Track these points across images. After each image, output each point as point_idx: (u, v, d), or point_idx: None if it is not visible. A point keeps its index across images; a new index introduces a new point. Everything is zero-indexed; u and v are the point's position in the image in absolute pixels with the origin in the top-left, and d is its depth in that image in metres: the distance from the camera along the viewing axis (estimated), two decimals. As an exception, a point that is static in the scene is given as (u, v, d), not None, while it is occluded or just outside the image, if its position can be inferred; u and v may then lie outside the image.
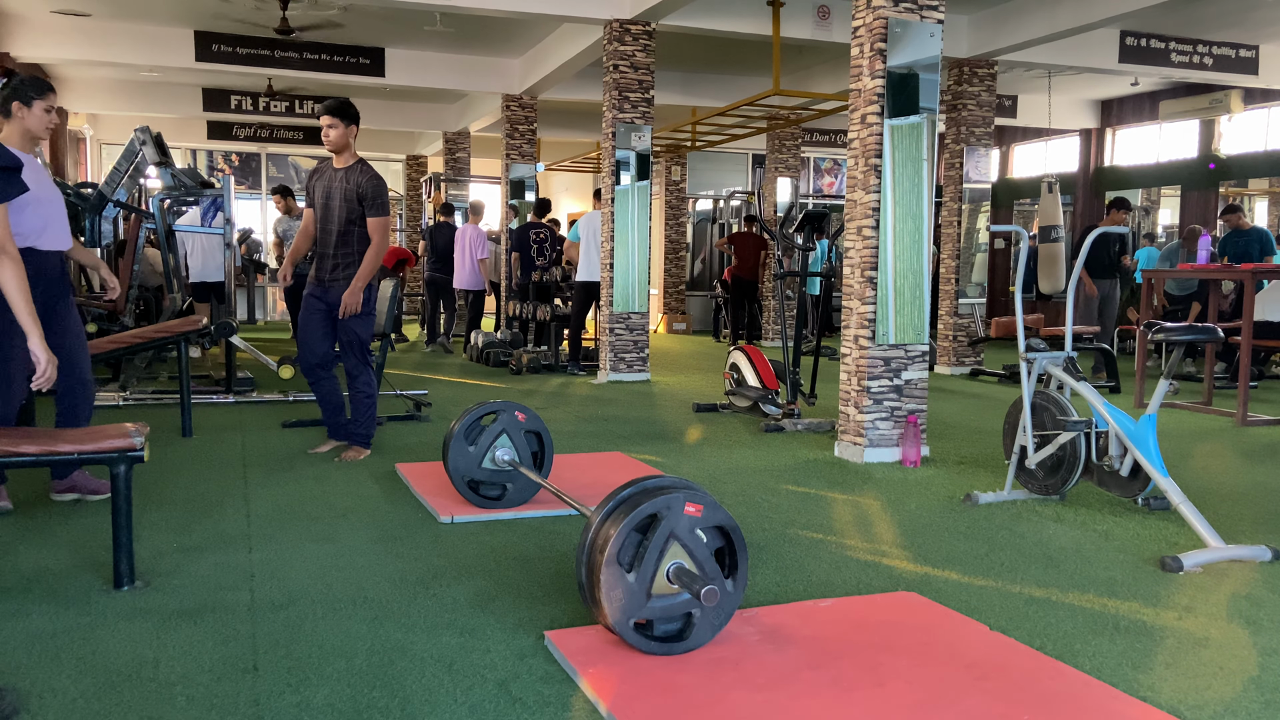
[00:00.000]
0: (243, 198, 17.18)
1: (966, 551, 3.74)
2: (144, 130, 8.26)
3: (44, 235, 4.07)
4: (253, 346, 8.00)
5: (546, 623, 2.91)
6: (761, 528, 4.02)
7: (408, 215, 17.30)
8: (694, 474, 5.03)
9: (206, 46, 10.87)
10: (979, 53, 9.85)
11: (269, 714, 2.32)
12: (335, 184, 5.06)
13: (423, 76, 12.03)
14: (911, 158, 5.49)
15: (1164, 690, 2.53)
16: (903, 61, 5.43)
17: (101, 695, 2.40)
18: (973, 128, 10.09)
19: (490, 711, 2.35)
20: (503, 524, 4.01)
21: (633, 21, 8.65)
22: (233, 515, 4.08)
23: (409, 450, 5.50)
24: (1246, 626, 2.98)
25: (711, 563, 2.66)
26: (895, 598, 3.17)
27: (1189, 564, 3.51)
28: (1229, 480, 5.09)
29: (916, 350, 5.57)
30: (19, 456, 3.08)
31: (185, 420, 5.84)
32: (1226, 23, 9.87)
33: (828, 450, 5.75)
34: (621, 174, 8.77)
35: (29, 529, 3.83)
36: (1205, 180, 12.99)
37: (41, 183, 4.09)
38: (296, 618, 2.92)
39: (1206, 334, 4.05)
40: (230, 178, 9.06)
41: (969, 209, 10.31)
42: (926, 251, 5.56)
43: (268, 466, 5.02)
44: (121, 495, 3.12)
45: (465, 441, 4.13)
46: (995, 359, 11.20)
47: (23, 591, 3.13)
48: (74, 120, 14.46)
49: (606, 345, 8.87)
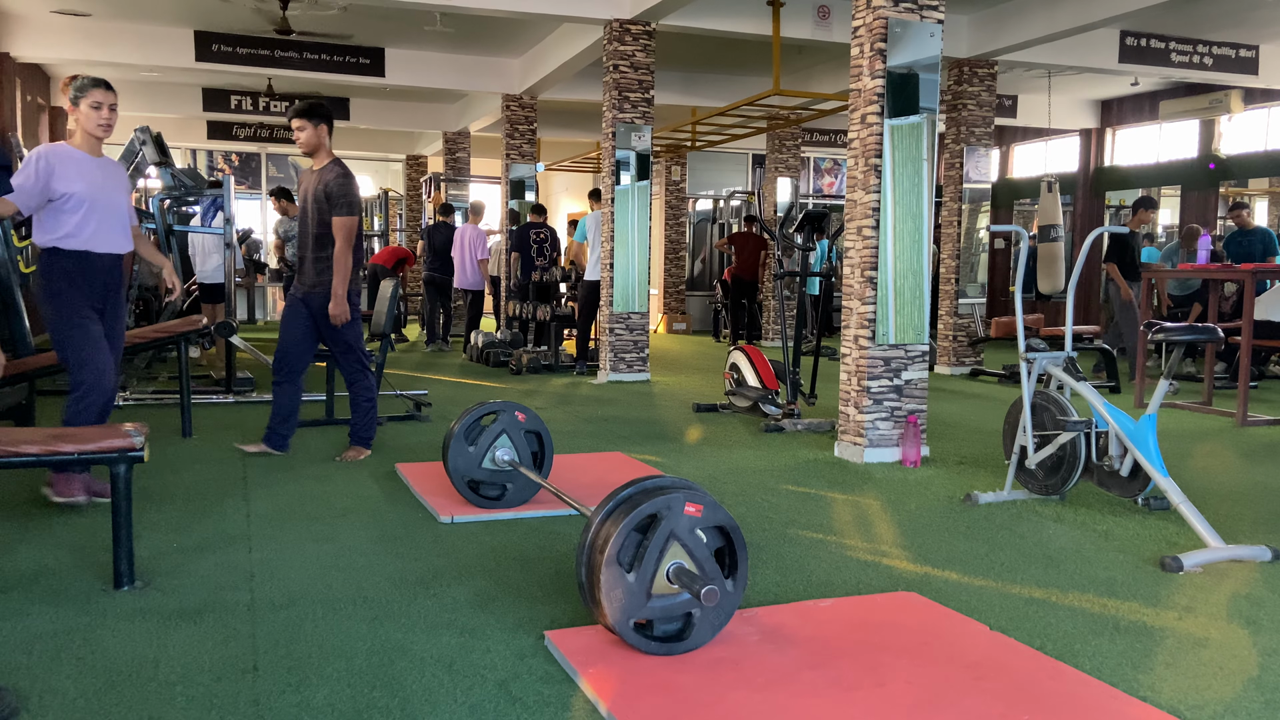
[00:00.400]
0: (243, 198, 17.18)
1: (966, 551, 3.74)
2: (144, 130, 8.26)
3: (95, 238, 4.11)
4: (253, 346, 8.00)
5: (546, 623, 2.91)
6: (761, 528, 4.02)
7: (407, 215, 17.29)
8: (694, 474, 5.03)
9: (206, 46, 10.87)
10: (979, 53, 9.85)
11: (269, 714, 2.32)
12: (310, 185, 5.02)
13: (423, 76, 12.03)
14: (911, 158, 5.49)
15: (1164, 690, 2.53)
16: (903, 61, 5.43)
17: (101, 695, 2.40)
18: (973, 128, 10.09)
19: (490, 711, 2.35)
20: (503, 524, 4.01)
21: (633, 21, 8.65)
22: (233, 515, 4.08)
23: (409, 450, 5.50)
24: (1246, 627, 2.98)
25: (711, 563, 2.66)
26: (895, 598, 3.17)
27: (1189, 564, 3.51)
28: (1229, 480, 5.08)
29: (916, 350, 5.57)
30: (19, 456, 3.08)
31: (185, 420, 5.84)
32: (1226, 23, 9.87)
33: (828, 450, 5.75)
34: (621, 174, 8.77)
35: (29, 529, 3.83)
36: (1205, 180, 12.99)
37: (96, 184, 4.10)
38: (296, 618, 2.92)
39: (1206, 334, 4.05)
40: (230, 178, 9.05)
41: (969, 209, 10.31)
42: (926, 251, 5.56)
43: (268, 466, 5.02)
44: (121, 495, 3.12)
45: (465, 441, 4.13)
46: (995, 359, 11.20)
47: (23, 591, 3.13)
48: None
49: (606, 345, 8.87)
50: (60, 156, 4.00)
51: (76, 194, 4.00)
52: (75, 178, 4.01)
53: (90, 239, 4.08)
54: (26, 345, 5.76)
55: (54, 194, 3.96)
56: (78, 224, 4.03)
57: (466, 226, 11.25)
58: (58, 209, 4.00)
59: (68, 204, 4.00)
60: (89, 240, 4.08)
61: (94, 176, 4.08)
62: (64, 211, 4.01)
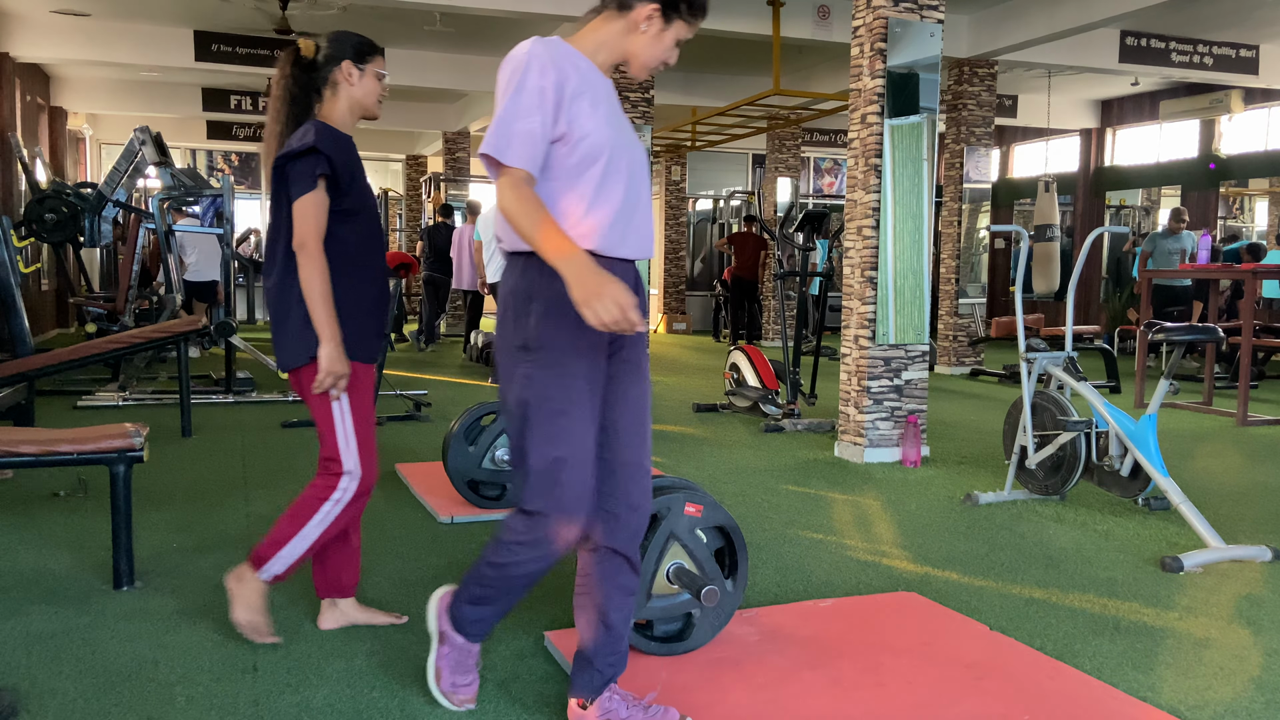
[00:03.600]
0: (243, 198, 17.18)
1: (966, 551, 3.74)
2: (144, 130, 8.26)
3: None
4: (252, 346, 8.00)
5: (546, 623, 2.90)
6: (761, 528, 4.02)
7: (407, 215, 17.29)
8: (694, 474, 5.02)
9: (206, 46, 10.86)
10: (979, 53, 9.84)
11: (269, 714, 2.32)
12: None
13: (423, 76, 12.03)
14: (911, 158, 5.49)
15: (1164, 690, 2.53)
16: (903, 61, 5.43)
17: (101, 695, 2.40)
18: (973, 128, 10.09)
19: (490, 711, 2.35)
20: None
21: (633, 21, 8.65)
22: (233, 515, 4.08)
23: (409, 450, 5.50)
24: (1247, 627, 2.98)
25: (711, 563, 2.66)
26: (895, 598, 3.17)
27: (1189, 564, 3.51)
28: (1229, 480, 5.08)
29: (916, 350, 5.57)
30: (19, 456, 3.08)
31: (185, 420, 5.84)
32: (1226, 23, 9.87)
33: (828, 450, 5.74)
34: (621, 174, 8.76)
35: (29, 529, 3.83)
36: (1205, 180, 12.99)
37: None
38: (296, 618, 2.92)
39: (1206, 334, 4.05)
40: (230, 178, 9.05)
41: (969, 209, 10.31)
42: (927, 251, 5.56)
43: (268, 466, 5.02)
44: (121, 495, 3.12)
45: (465, 441, 4.13)
46: (995, 359, 11.20)
47: (23, 591, 3.13)
48: (74, 120, 14.46)
49: (606, 345, 8.84)
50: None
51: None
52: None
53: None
54: (26, 345, 5.76)
55: None
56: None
57: (465, 226, 11.22)
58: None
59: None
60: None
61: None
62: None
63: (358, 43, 2.73)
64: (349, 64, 2.69)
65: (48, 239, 9.06)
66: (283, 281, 2.60)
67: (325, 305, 2.53)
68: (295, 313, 2.58)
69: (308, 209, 2.54)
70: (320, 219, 2.56)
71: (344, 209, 2.62)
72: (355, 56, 2.71)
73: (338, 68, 2.69)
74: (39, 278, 11.37)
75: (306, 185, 2.54)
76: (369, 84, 2.72)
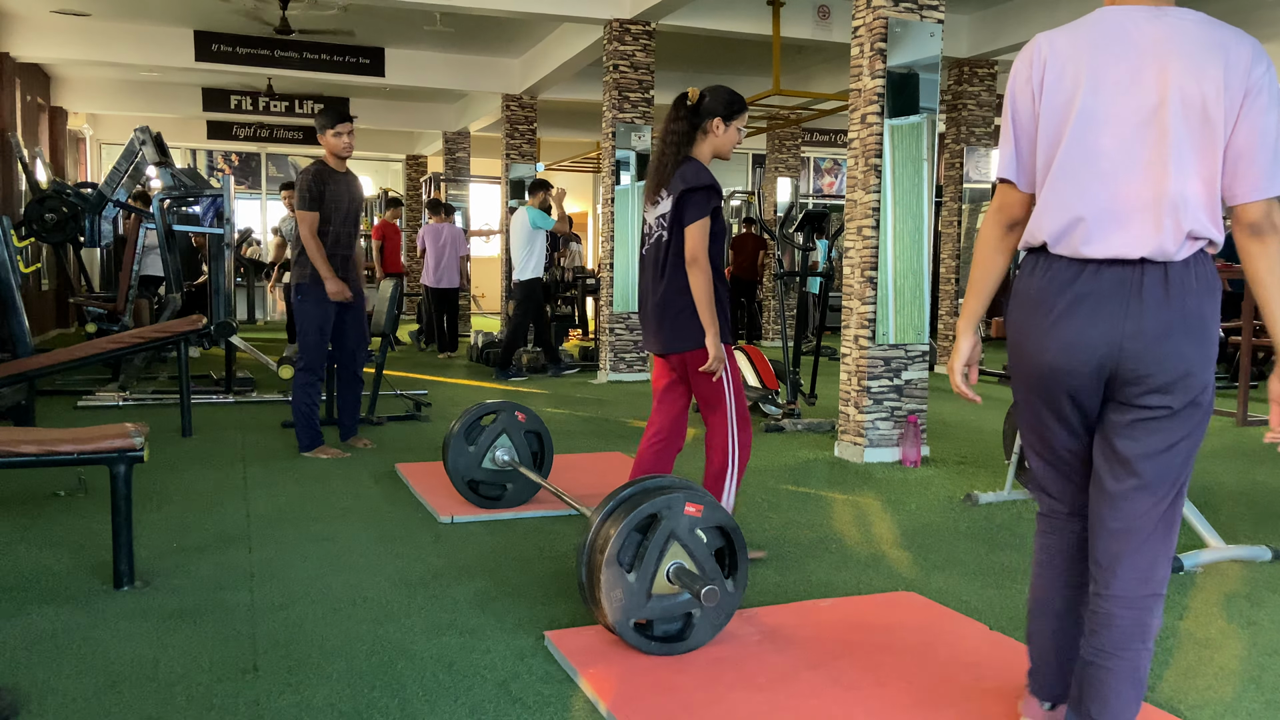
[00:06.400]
0: (242, 198, 17.18)
1: (966, 551, 3.74)
2: (144, 130, 8.26)
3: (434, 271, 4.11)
4: (253, 346, 8.00)
5: (546, 623, 2.90)
6: (761, 528, 4.02)
7: (407, 215, 17.28)
8: (694, 474, 5.02)
9: (206, 46, 10.86)
10: (979, 53, 9.85)
11: (269, 714, 2.32)
12: (346, 189, 5.20)
13: (423, 76, 12.02)
14: (911, 158, 5.49)
15: (1164, 690, 2.53)
16: (903, 61, 5.43)
17: (101, 695, 2.40)
18: (973, 128, 10.09)
19: (490, 711, 2.35)
20: (503, 524, 4.01)
21: (632, 21, 8.65)
22: (233, 515, 4.08)
23: (409, 450, 5.50)
24: (1246, 627, 2.98)
25: (711, 563, 2.66)
26: (895, 598, 3.17)
27: (1189, 564, 3.51)
28: (1229, 480, 5.08)
29: (916, 350, 5.57)
30: (19, 456, 3.08)
31: (185, 420, 5.84)
32: (1226, 23, 9.87)
33: (828, 450, 5.74)
34: (621, 174, 8.77)
35: (29, 529, 3.83)
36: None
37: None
38: (296, 618, 2.92)
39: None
40: (230, 178, 9.03)
41: (969, 209, 10.31)
42: (927, 251, 5.56)
43: (268, 466, 5.02)
44: (121, 495, 3.12)
45: (465, 441, 4.13)
46: (995, 359, 11.20)
47: (23, 591, 3.13)
48: (74, 120, 14.46)
49: (606, 345, 8.86)
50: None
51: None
52: None
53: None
54: (26, 345, 5.76)
55: None
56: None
57: (445, 225, 10.85)
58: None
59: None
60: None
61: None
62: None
63: (729, 100, 3.30)
64: (719, 120, 3.27)
65: (48, 239, 9.06)
66: (678, 285, 3.23)
67: (713, 306, 3.19)
68: (687, 310, 3.23)
69: (700, 232, 3.17)
70: (706, 240, 3.19)
71: (713, 231, 3.23)
72: (725, 113, 3.28)
73: (711, 120, 3.27)
74: (39, 278, 11.37)
75: (700, 213, 3.17)
76: (731, 136, 3.31)
